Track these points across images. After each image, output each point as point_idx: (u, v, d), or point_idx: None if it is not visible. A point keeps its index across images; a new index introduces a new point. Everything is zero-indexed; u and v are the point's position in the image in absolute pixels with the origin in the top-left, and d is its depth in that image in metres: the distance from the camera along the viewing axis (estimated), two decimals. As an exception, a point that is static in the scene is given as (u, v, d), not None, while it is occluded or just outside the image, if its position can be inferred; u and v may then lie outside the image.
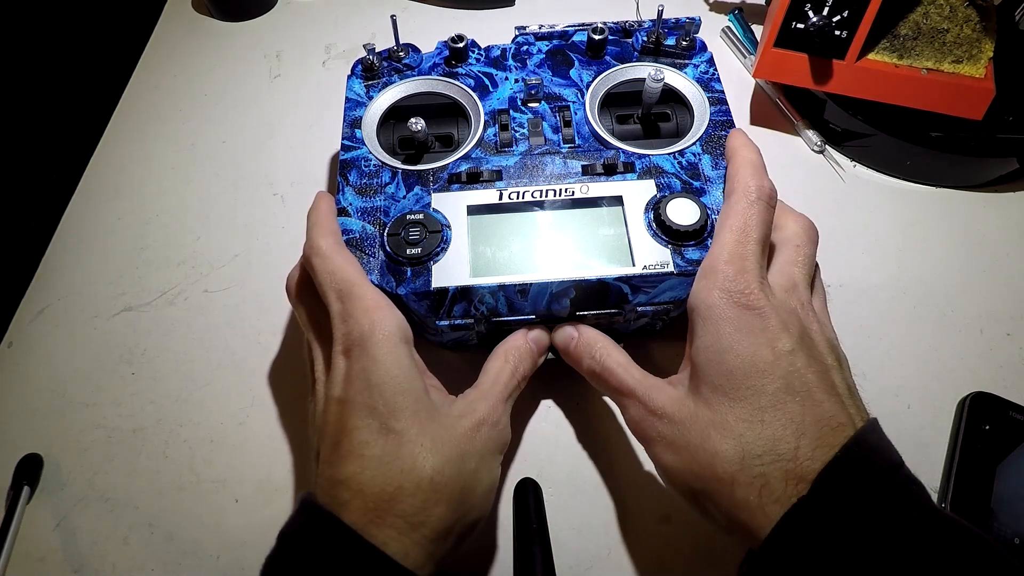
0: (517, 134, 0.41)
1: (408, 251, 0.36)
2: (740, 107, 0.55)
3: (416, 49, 0.45)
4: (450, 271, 0.35)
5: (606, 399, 0.41)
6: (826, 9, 0.45)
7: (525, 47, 0.46)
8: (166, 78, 0.60)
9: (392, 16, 0.43)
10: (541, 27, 0.47)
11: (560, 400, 0.41)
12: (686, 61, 0.44)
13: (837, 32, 0.45)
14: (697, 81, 0.43)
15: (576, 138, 0.41)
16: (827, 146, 0.52)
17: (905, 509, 0.25)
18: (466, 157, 0.40)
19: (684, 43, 0.44)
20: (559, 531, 0.36)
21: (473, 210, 0.38)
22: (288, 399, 0.42)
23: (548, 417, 0.41)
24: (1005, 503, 0.36)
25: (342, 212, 0.37)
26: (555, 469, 0.39)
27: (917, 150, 0.48)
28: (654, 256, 0.36)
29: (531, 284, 0.35)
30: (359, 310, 0.31)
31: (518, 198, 0.38)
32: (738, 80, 0.56)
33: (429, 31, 0.58)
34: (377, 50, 0.44)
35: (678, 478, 0.30)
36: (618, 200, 0.38)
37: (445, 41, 0.45)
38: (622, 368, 0.33)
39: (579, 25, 0.47)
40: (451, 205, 0.38)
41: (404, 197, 0.38)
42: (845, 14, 0.45)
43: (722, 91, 0.42)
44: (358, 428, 0.29)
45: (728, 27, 0.59)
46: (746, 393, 0.28)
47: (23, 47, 0.60)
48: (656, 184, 0.38)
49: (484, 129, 0.41)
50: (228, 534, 0.37)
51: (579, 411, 0.41)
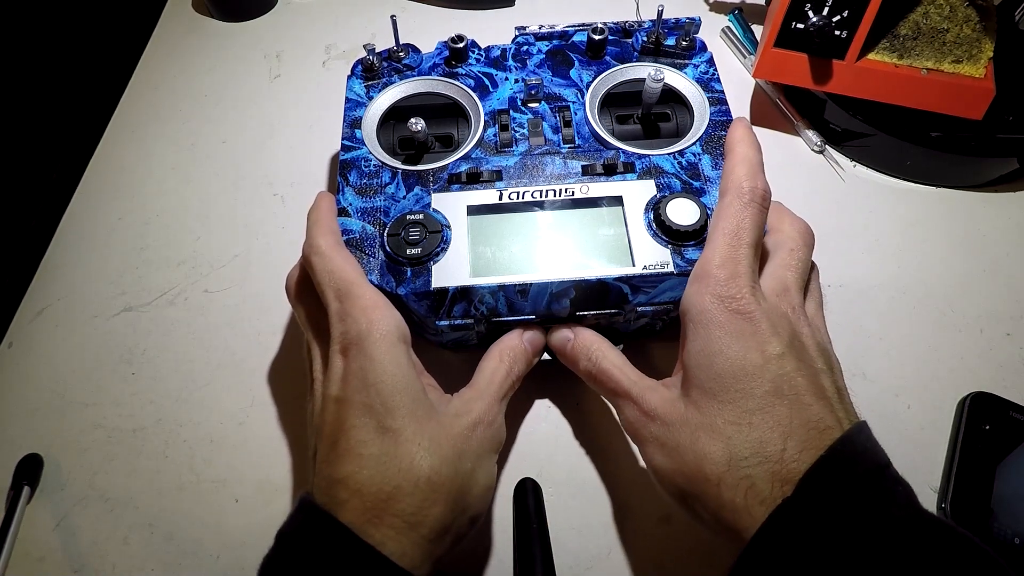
0: (517, 134, 0.41)
1: (408, 251, 0.36)
2: (740, 107, 0.55)
3: (416, 49, 0.45)
4: (450, 271, 0.35)
5: (605, 400, 0.41)
6: (826, 9, 0.45)
7: (525, 47, 0.46)
8: (166, 78, 0.60)
9: (392, 16, 0.43)
10: (541, 27, 0.47)
11: (559, 400, 0.41)
12: (686, 61, 0.44)
13: (837, 32, 0.45)
14: (697, 81, 0.43)
15: (576, 138, 0.41)
16: (827, 146, 0.52)
17: (888, 510, 0.25)
18: (466, 157, 0.40)
19: (684, 43, 0.44)
20: (559, 531, 0.36)
21: (473, 210, 0.38)
22: (288, 399, 0.42)
23: (548, 417, 0.41)
24: (1005, 503, 0.36)
25: (342, 212, 0.37)
26: (555, 469, 0.39)
27: (917, 150, 0.48)
28: (654, 256, 0.36)
29: (531, 284, 0.35)
30: (357, 309, 0.31)
31: (518, 198, 0.38)
32: (738, 80, 0.57)
33: (429, 31, 0.58)
34: (377, 50, 0.44)
35: (668, 479, 0.30)
36: (618, 200, 0.38)
37: (445, 41, 0.45)
38: (618, 370, 0.33)
39: (579, 25, 0.47)
40: (451, 205, 0.38)
41: (404, 197, 0.38)
42: (845, 14, 0.45)
43: (722, 91, 0.42)
44: (355, 427, 0.29)
45: (728, 27, 0.59)
46: (734, 396, 0.28)
47: (23, 47, 0.60)
48: (656, 184, 0.38)
49: (484, 129, 0.41)
50: (228, 534, 0.37)
51: (578, 411, 0.41)
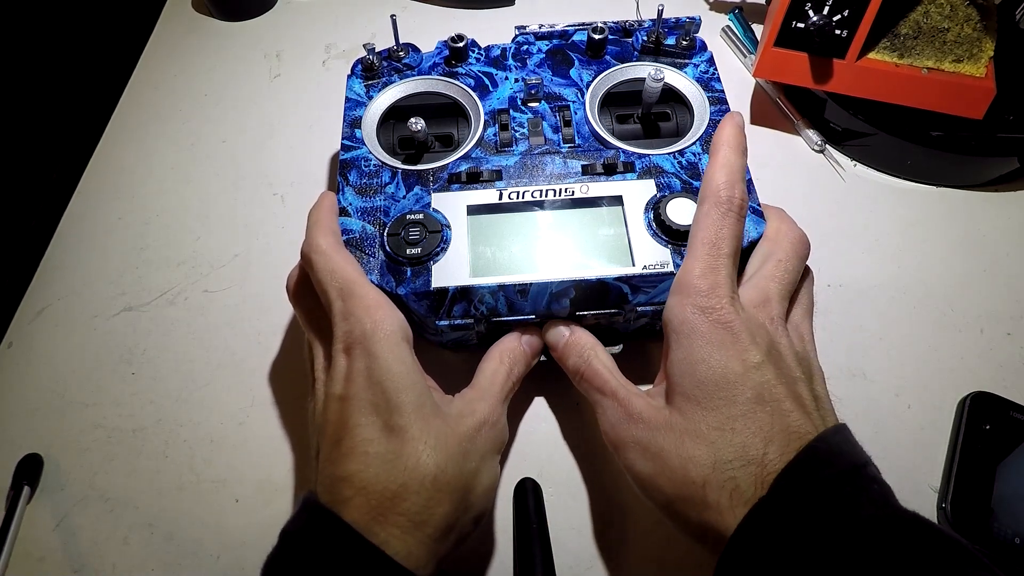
0: (517, 134, 0.41)
1: (408, 251, 0.36)
2: (740, 107, 0.55)
3: (416, 49, 0.45)
4: (450, 271, 0.35)
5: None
6: (826, 8, 0.45)
7: (525, 47, 0.46)
8: (166, 78, 0.60)
9: (392, 16, 0.43)
10: (541, 27, 0.47)
11: (560, 400, 0.41)
12: (686, 61, 0.44)
13: (837, 31, 0.45)
14: (697, 81, 0.43)
15: (576, 138, 0.41)
16: (827, 146, 0.52)
17: (860, 508, 0.25)
18: (466, 157, 0.40)
19: (684, 43, 0.44)
20: (559, 531, 0.36)
21: (473, 210, 0.38)
22: (288, 399, 0.42)
23: (548, 417, 0.41)
24: (1005, 503, 0.36)
25: (342, 212, 0.37)
26: (555, 469, 0.39)
27: (917, 150, 0.48)
28: (654, 256, 0.36)
29: (531, 284, 0.35)
30: (360, 309, 0.31)
31: (518, 198, 0.38)
32: (738, 80, 0.56)
33: (429, 31, 0.58)
34: (377, 50, 0.44)
35: (652, 483, 0.30)
36: (618, 200, 0.38)
37: (445, 41, 0.45)
38: (607, 370, 0.34)
39: (579, 25, 0.47)
40: (451, 205, 0.38)
41: (404, 197, 0.38)
42: (845, 13, 0.45)
43: (722, 91, 0.42)
44: (360, 425, 0.29)
45: (728, 27, 0.59)
46: (718, 403, 0.29)
47: (23, 47, 0.60)
48: (656, 184, 0.38)
49: (484, 129, 0.41)
50: (228, 534, 0.37)
51: (579, 411, 0.41)
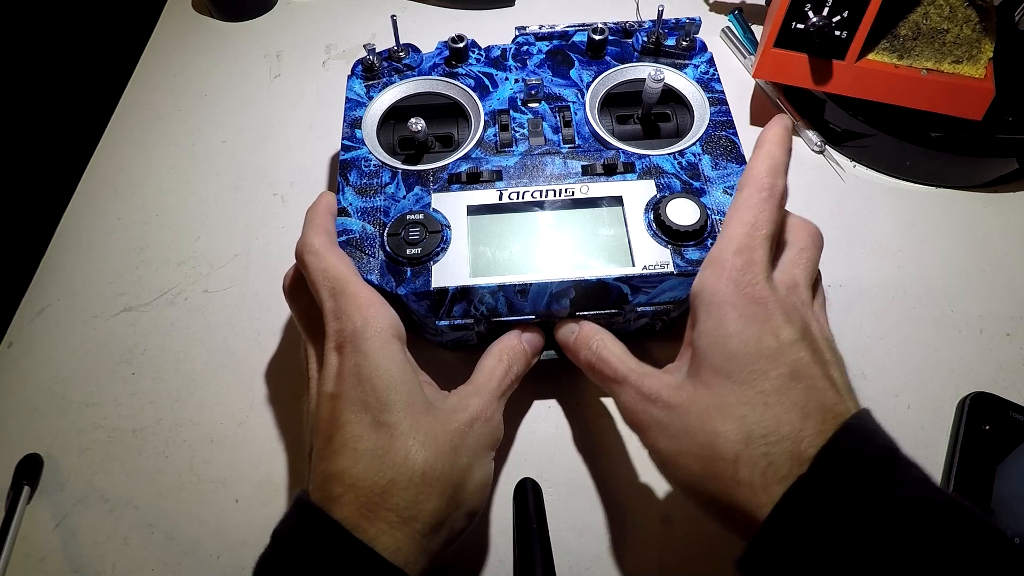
0: (517, 134, 0.41)
1: (408, 251, 0.36)
2: (740, 107, 0.55)
3: (416, 49, 0.45)
4: (450, 271, 0.35)
5: (606, 399, 0.41)
6: (826, 9, 0.45)
7: (525, 47, 0.46)
8: (166, 78, 0.60)
9: (392, 16, 0.43)
10: (541, 27, 0.47)
11: (560, 400, 0.41)
12: (686, 61, 0.44)
13: (837, 32, 0.45)
14: (697, 81, 0.43)
15: (576, 138, 0.41)
16: (827, 146, 0.52)
17: (905, 487, 0.25)
18: (466, 157, 0.40)
19: (684, 43, 0.44)
20: (559, 531, 0.36)
21: (473, 210, 0.38)
22: (288, 399, 0.42)
23: (548, 417, 0.41)
24: (1005, 503, 0.36)
25: (342, 212, 0.37)
26: (555, 469, 0.39)
27: (917, 150, 0.48)
28: (654, 256, 0.36)
29: (531, 284, 0.35)
30: (352, 307, 0.31)
31: (518, 198, 0.38)
32: (738, 80, 0.56)
33: (429, 31, 0.58)
34: (377, 50, 0.44)
35: (676, 463, 0.29)
36: (618, 200, 0.38)
37: (445, 41, 0.45)
38: (616, 358, 0.33)
39: (579, 25, 0.47)
40: (451, 205, 0.38)
41: (404, 197, 0.38)
42: (845, 14, 0.45)
43: (722, 91, 0.42)
44: (350, 422, 0.29)
45: (728, 27, 0.59)
46: (749, 376, 0.28)
47: (23, 47, 0.60)
48: (656, 184, 0.38)
49: (484, 129, 0.41)
50: (228, 534, 0.37)
51: (579, 411, 0.41)
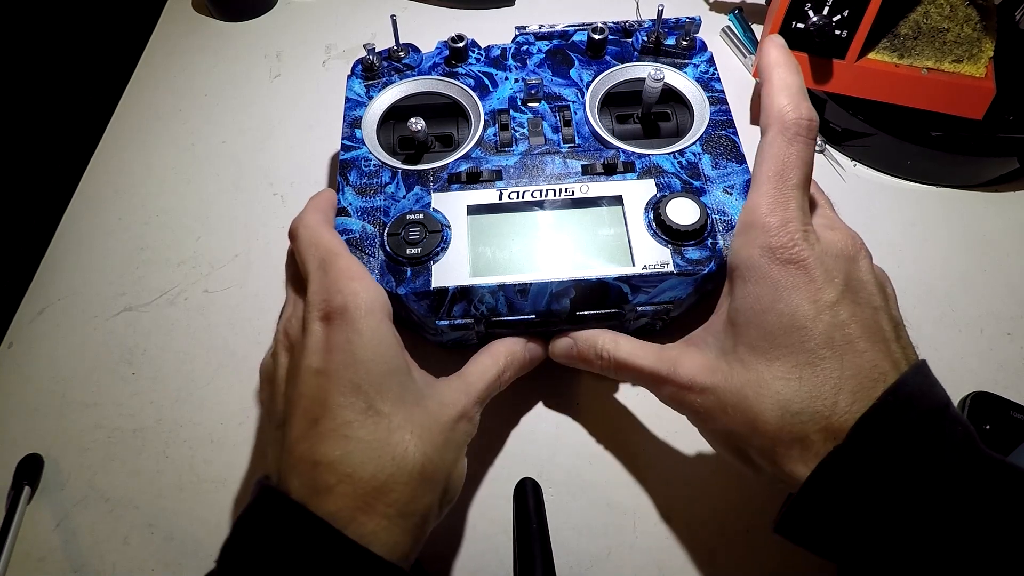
0: (517, 134, 0.41)
1: (408, 251, 0.36)
2: (740, 107, 0.55)
3: (416, 49, 0.45)
4: (450, 271, 0.35)
5: (606, 399, 0.41)
6: (826, 9, 0.45)
7: (525, 47, 0.46)
8: (166, 78, 0.60)
9: (392, 16, 0.43)
10: (541, 27, 0.47)
11: (560, 400, 0.41)
12: (686, 61, 0.44)
13: (837, 32, 0.45)
14: (697, 81, 0.43)
15: (576, 138, 0.41)
16: (827, 146, 0.52)
17: (943, 452, 0.25)
18: (466, 157, 0.40)
19: (684, 43, 0.44)
20: (559, 531, 0.36)
21: (473, 210, 0.38)
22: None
23: (548, 417, 0.41)
24: (1005, 503, 0.36)
25: (342, 212, 0.37)
26: (555, 469, 0.39)
27: (917, 150, 0.48)
28: (654, 256, 0.36)
29: (531, 284, 0.35)
30: (343, 279, 0.30)
31: (518, 198, 0.38)
32: (738, 80, 0.56)
33: (429, 31, 0.58)
34: (377, 50, 0.44)
35: (721, 440, 0.30)
36: (618, 200, 0.38)
37: (445, 41, 0.45)
38: (635, 356, 0.33)
39: (579, 25, 0.47)
40: (451, 205, 0.38)
41: (404, 197, 0.38)
42: (845, 14, 0.45)
43: (722, 91, 0.42)
44: (341, 406, 0.28)
45: (728, 27, 0.59)
46: (784, 351, 0.27)
47: (23, 47, 0.60)
48: (656, 184, 0.38)
49: (484, 129, 0.41)
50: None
51: (579, 411, 0.41)
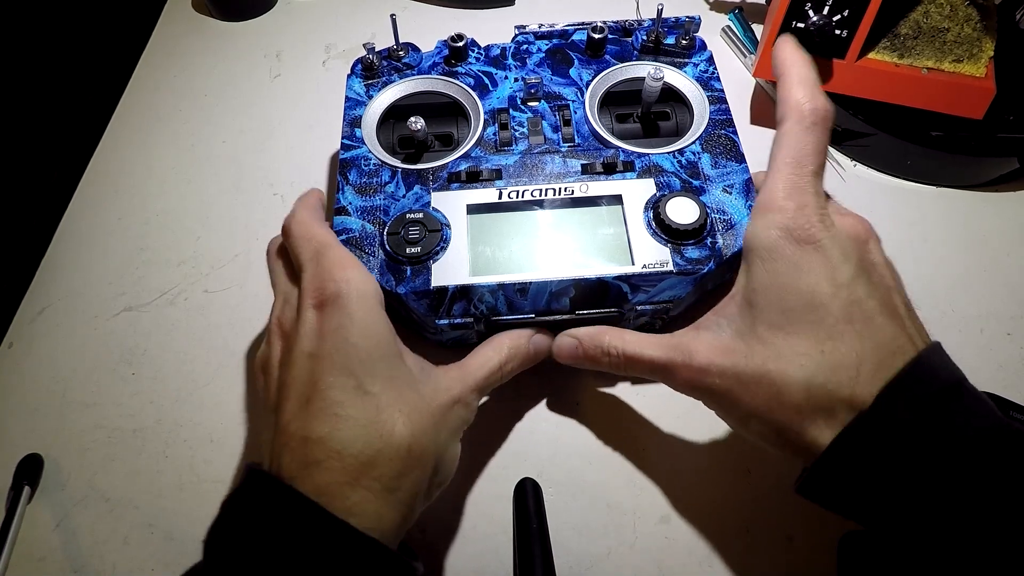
0: (517, 133, 0.41)
1: (408, 250, 0.36)
2: (740, 106, 0.55)
3: (416, 48, 0.45)
4: (450, 270, 0.35)
5: (607, 399, 0.41)
6: (826, 8, 0.45)
7: (525, 46, 0.46)
8: (166, 78, 0.60)
9: (392, 15, 0.43)
10: (541, 26, 0.47)
11: (559, 400, 0.41)
12: (686, 60, 0.44)
13: (837, 31, 0.45)
14: (697, 80, 0.43)
15: (576, 137, 0.41)
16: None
17: (967, 422, 0.25)
18: (466, 156, 0.40)
19: (684, 42, 0.44)
20: (559, 531, 0.36)
21: (473, 209, 0.38)
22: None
23: (548, 417, 0.41)
24: (1006, 502, 0.36)
25: (342, 211, 0.37)
26: (555, 469, 0.39)
27: (917, 150, 0.48)
28: (653, 255, 0.36)
29: (531, 283, 0.35)
30: (336, 268, 0.31)
31: (518, 197, 0.38)
32: (738, 79, 0.56)
33: (429, 30, 0.58)
34: (377, 49, 0.44)
35: (742, 419, 0.30)
36: (617, 199, 0.38)
37: (445, 40, 0.45)
38: (644, 348, 0.33)
39: (579, 24, 0.47)
40: (451, 204, 0.38)
41: (404, 196, 0.38)
42: (845, 13, 0.45)
43: (722, 90, 0.42)
44: (332, 386, 0.28)
45: (728, 26, 0.59)
46: (804, 328, 0.28)
47: (23, 47, 0.60)
48: (656, 183, 0.38)
49: (484, 128, 0.41)
50: (228, 534, 0.37)
51: (579, 411, 0.41)
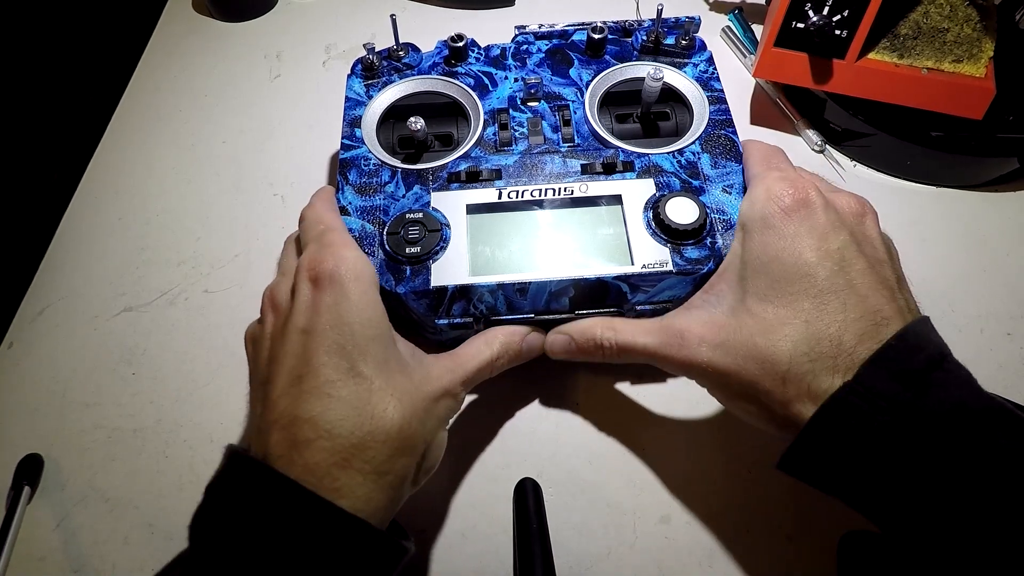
0: (516, 133, 0.41)
1: (407, 250, 0.36)
2: (740, 106, 0.55)
3: (416, 48, 0.45)
4: (449, 270, 0.35)
5: (606, 398, 0.41)
6: (826, 8, 0.45)
7: (525, 46, 0.46)
8: (166, 78, 0.60)
9: (392, 16, 0.43)
10: (541, 26, 0.47)
11: (559, 400, 0.41)
12: (685, 60, 0.44)
13: (837, 31, 0.45)
14: (696, 80, 0.43)
15: (575, 137, 0.41)
16: (827, 146, 0.52)
17: (948, 395, 0.26)
18: (465, 156, 0.40)
19: (684, 42, 0.44)
20: (559, 531, 0.36)
21: (472, 209, 0.38)
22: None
23: (548, 417, 0.41)
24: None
25: (342, 211, 0.37)
26: (555, 469, 0.39)
27: (917, 150, 0.48)
28: (653, 255, 0.36)
29: (530, 283, 0.35)
30: (336, 246, 0.31)
31: (517, 197, 0.38)
32: (738, 80, 0.56)
33: (429, 31, 0.58)
34: (377, 49, 0.44)
35: (733, 396, 0.30)
36: (617, 199, 0.38)
37: (445, 40, 0.45)
38: (638, 336, 0.33)
39: (579, 24, 0.47)
40: (450, 204, 0.38)
41: (404, 196, 0.38)
42: (845, 13, 0.45)
43: (721, 90, 0.42)
44: (325, 365, 0.28)
45: (728, 27, 0.59)
46: (790, 298, 0.29)
47: (23, 47, 0.61)
48: (655, 183, 0.38)
49: (484, 128, 0.41)
50: (228, 534, 0.37)
51: (579, 411, 0.41)
